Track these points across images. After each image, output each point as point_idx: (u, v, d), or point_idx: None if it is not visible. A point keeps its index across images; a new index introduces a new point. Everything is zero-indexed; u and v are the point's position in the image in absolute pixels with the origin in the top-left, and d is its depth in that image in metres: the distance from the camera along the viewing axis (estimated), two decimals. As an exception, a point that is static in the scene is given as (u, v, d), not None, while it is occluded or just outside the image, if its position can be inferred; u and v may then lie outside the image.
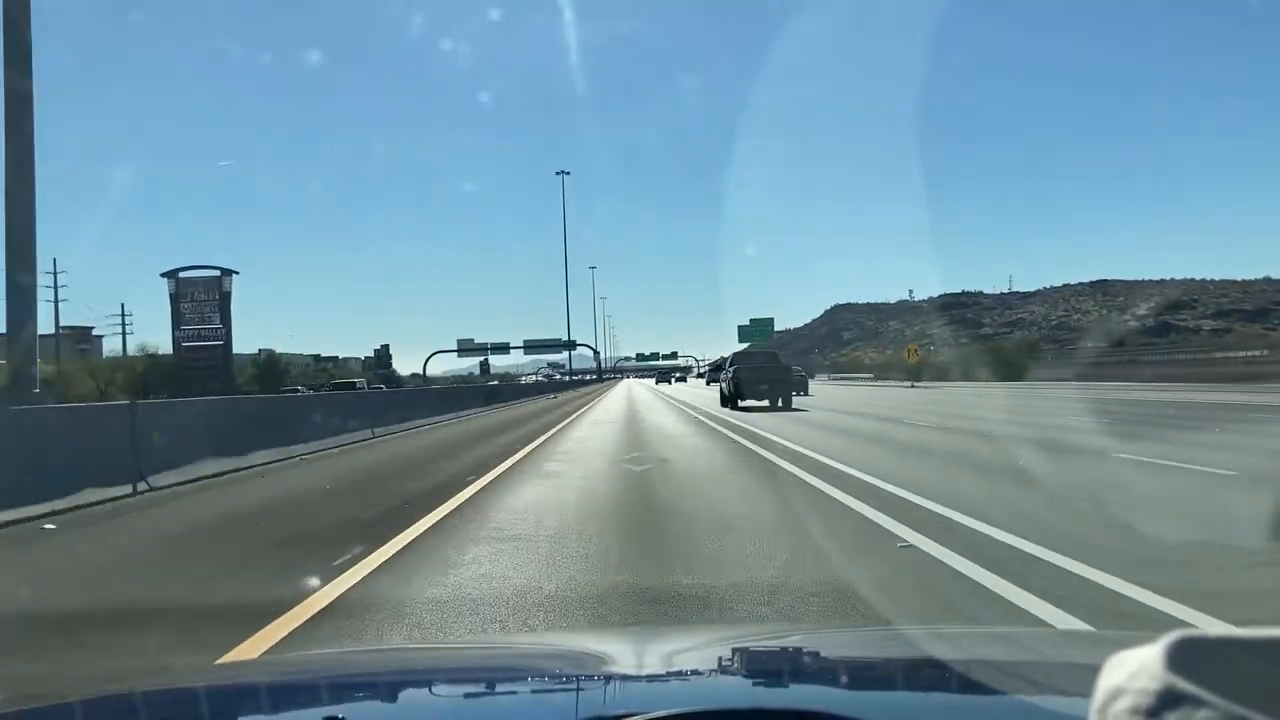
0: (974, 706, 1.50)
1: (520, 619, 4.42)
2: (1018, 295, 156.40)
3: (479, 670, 1.91)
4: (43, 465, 8.66)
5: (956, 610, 4.45)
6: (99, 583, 5.76)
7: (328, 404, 20.29)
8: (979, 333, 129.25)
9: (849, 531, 6.57)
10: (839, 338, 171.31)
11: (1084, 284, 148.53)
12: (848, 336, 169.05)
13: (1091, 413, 18.73)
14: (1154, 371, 43.64)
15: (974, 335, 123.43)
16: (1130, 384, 37.58)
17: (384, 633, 4.28)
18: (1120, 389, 33.72)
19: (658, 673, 1.73)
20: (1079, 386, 35.31)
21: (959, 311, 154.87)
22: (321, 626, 4.36)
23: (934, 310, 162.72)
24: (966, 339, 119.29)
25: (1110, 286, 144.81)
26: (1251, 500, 7.49)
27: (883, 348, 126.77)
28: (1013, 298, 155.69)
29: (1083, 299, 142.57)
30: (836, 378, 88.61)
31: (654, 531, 6.85)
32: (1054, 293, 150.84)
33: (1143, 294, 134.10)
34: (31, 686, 3.01)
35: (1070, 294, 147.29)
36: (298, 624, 4.36)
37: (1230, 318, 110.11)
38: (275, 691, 1.64)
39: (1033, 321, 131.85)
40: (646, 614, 4.44)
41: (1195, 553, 5.60)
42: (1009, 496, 8.00)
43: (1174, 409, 21.21)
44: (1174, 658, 0.56)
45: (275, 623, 4.33)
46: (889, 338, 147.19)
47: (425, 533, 6.90)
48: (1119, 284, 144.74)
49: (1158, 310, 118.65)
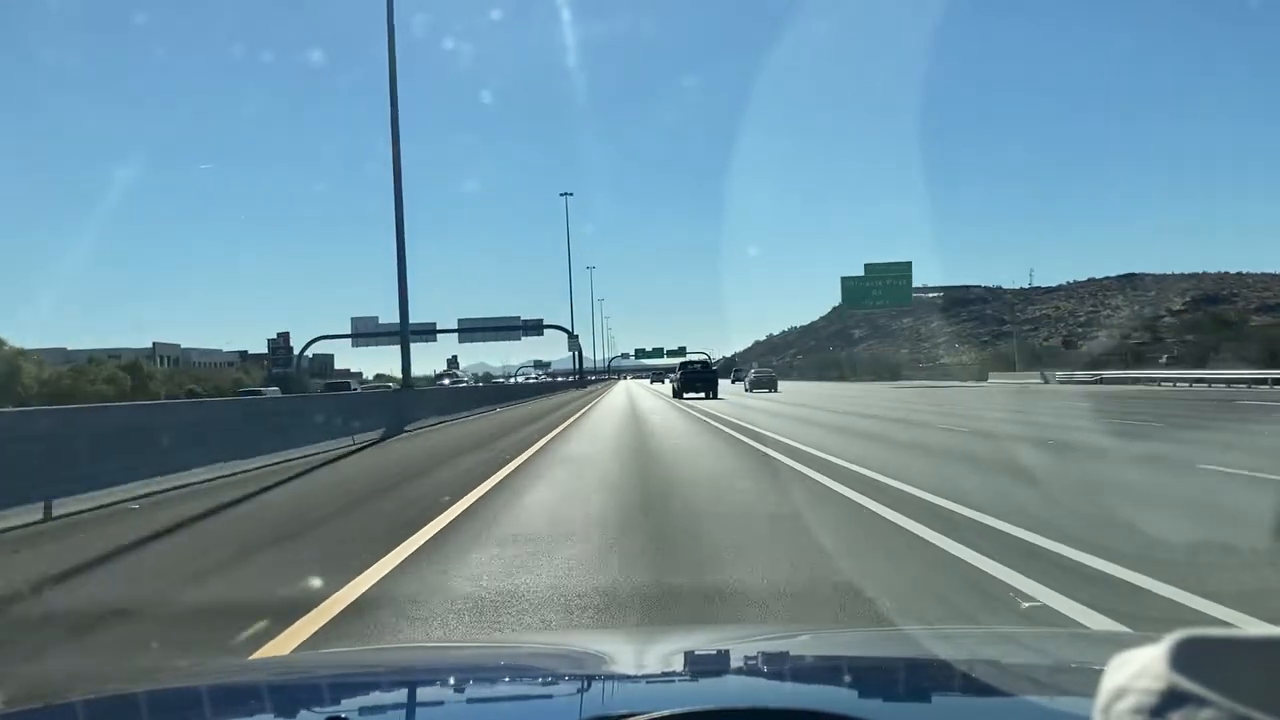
0: (976, 707, 1.51)
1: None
2: (1039, 290, 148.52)
3: (480, 670, 1.92)
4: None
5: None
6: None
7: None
8: (1000, 330, 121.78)
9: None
10: (849, 335, 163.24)
11: (1110, 278, 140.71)
12: (858, 335, 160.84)
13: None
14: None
15: (995, 332, 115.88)
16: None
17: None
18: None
19: (659, 672, 1.77)
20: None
21: (976, 308, 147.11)
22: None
23: (948, 306, 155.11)
24: (988, 336, 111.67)
25: (1139, 280, 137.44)
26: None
27: (897, 345, 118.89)
28: (1034, 293, 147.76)
29: (1110, 293, 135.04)
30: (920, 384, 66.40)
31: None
32: (1079, 287, 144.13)
33: (1174, 287, 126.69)
34: (31, 687, 2.98)
35: (1096, 288, 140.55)
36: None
37: (1277, 312, 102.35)
38: (275, 691, 1.65)
39: (1059, 317, 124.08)
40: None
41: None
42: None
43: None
44: (1177, 658, 0.57)
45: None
46: (902, 335, 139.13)
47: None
48: (1148, 277, 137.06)
49: (1195, 304, 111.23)
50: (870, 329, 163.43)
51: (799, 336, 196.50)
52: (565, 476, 11.46)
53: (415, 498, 9.69)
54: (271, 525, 8.28)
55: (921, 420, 21.35)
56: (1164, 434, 15.46)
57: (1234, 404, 24.65)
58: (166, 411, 16.32)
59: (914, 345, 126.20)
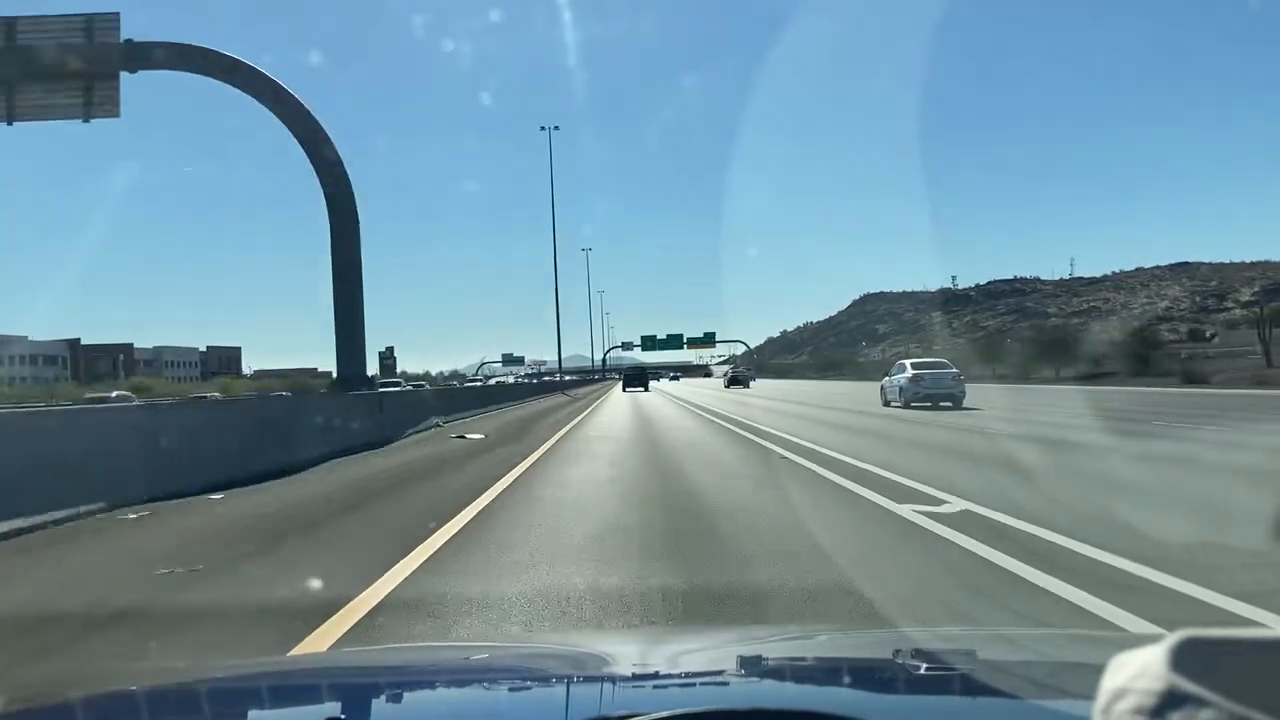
0: (977, 707, 1.54)
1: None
2: (1082, 281, 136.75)
3: (481, 671, 1.95)
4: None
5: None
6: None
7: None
8: (1044, 322, 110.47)
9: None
10: (873, 331, 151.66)
11: (1161, 267, 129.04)
12: (883, 330, 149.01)
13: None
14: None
15: (1036, 325, 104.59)
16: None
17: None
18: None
19: (659, 673, 1.80)
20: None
21: (1015, 300, 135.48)
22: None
23: (983, 298, 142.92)
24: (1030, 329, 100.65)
25: (1195, 269, 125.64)
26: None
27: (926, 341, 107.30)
28: (1077, 284, 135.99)
29: (1163, 283, 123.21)
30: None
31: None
32: (1127, 277, 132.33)
33: (1236, 277, 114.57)
34: (31, 686, 2.81)
35: (1146, 278, 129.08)
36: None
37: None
38: (275, 691, 1.69)
39: (1110, 309, 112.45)
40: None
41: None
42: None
43: None
44: (1177, 658, 0.58)
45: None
46: (933, 330, 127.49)
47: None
48: (1205, 266, 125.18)
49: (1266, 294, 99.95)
50: (896, 324, 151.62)
51: (816, 332, 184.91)
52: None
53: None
54: None
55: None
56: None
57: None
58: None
59: (947, 341, 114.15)
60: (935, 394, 25.14)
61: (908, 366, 26.99)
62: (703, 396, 43.60)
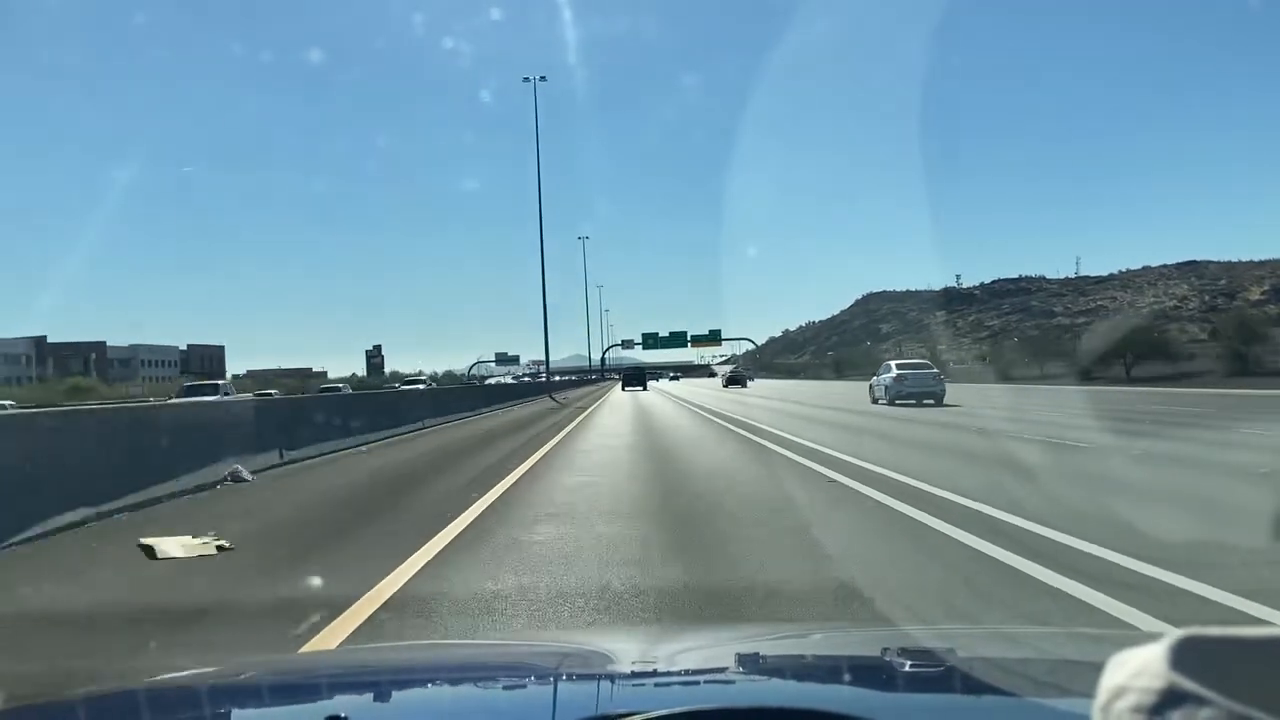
0: (977, 706, 1.55)
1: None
2: (1089, 280, 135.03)
3: (481, 669, 1.96)
4: None
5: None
6: None
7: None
8: (1051, 322, 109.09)
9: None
10: (875, 330, 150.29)
11: (1169, 266, 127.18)
12: (886, 329, 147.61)
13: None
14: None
15: (1043, 326, 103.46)
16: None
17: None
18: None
19: (660, 671, 1.80)
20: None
21: (1020, 299, 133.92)
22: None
23: (988, 297, 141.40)
24: (1036, 329, 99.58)
25: (1203, 268, 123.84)
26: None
27: (930, 341, 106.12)
28: (1083, 282, 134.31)
29: (1171, 282, 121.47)
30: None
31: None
32: (1134, 276, 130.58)
33: (1246, 275, 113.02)
34: (31, 686, 2.95)
35: (1154, 276, 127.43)
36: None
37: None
38: (275, 691, 1.69)
39: (1118, 308, 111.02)
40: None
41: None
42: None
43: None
44: (1177, 657, 0.58)
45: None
46: (937, 329, 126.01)
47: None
48: (1213, 265, 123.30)
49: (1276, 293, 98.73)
50: (900, 323, 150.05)
51: (819, 331, 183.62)
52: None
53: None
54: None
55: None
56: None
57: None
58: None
59: (950, 341, 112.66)
60: (917, 391, 28.22)
61: (893, 367, 30.37)
62: (702, 396, 45.53)
